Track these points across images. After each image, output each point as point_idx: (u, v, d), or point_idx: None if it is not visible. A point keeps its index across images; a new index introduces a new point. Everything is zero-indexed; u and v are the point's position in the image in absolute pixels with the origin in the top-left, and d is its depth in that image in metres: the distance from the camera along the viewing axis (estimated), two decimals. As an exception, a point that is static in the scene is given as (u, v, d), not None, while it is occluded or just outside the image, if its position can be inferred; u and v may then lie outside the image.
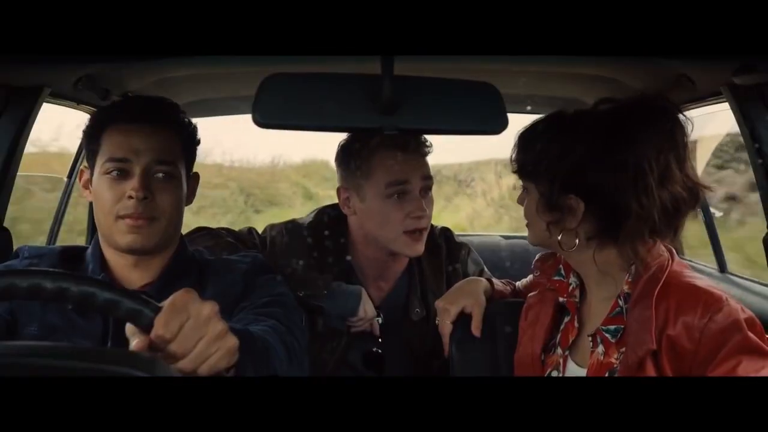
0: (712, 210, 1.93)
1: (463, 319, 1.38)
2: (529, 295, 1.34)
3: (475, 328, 1.35)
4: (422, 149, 1.52)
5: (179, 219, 1.24)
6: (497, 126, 1.15)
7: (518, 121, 1.21)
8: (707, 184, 1.13)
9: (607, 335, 1.14)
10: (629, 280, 1.13)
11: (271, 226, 1.66)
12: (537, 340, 1.26)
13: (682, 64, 1.44)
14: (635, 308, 1.09)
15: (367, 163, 1.51)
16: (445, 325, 1.38)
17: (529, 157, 1.17)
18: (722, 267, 1.89)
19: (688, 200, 1.10)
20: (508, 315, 1.36)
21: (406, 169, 1.47)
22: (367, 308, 1.50)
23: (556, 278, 1.27)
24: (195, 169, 1.30)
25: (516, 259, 2.23)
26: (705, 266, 1.96)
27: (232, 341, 0.81)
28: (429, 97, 1.13)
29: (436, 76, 1.18)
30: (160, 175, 1.18)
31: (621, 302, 1.14)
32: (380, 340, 1.54)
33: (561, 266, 1.27)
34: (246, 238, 1.61)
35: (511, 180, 1.21)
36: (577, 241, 1.13)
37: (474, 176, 9.45)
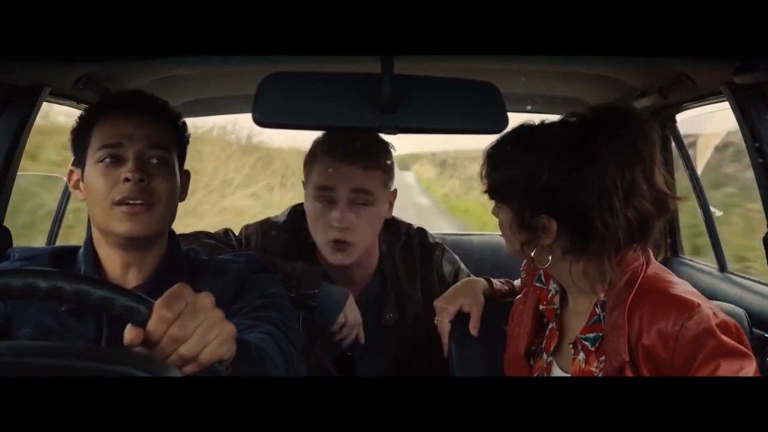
0: (712, 210, 1.93)
1: (461, 319, 1.39)
2: (517, 297, 1.35)
3: (473, 328, 1.36)
4: (366, 158, 1.46)
5: (173, 210, 1.22)
6: (497, 125, 1.15)
7: (518, 121, 1.21)
8: (673, 194, 1.13)
9: (586, 343, 1.14)
10: (605, 288, 1.13)
11: (247, 226, 1.64)
12: (521, 341, 1.26)
13: (682, 63, 1.44)
14: (610, 317, 1.10)
15: (310, 164, 1.49)
16: (444, 325, 1.38)
17: (498, 178, 1.16)
18: (722, 267, 1.89)
19: (656, 212, 1.10)
20: (506, 315, 1.36)
21: (335, 177, 1.43)
22: (348, 314, 1.44)
23: (537, 284, 1.27)
24: None
25: (515, 258, 2.23)
26: (706, 266, 1.96)
27: (230, 328, 0.81)
28: (429, 97, 1.13)
29: (436, 75, 1.18)
30: (155, 160, 1.17)
31: (598, 310, 1.14)
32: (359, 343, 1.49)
33: (541, 273, 1.27)
34: (222, 239, 1.60)
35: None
36: (550, 257, 1.14)
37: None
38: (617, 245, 1.09)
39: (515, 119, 1.19)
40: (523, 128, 1.17)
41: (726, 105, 1.44)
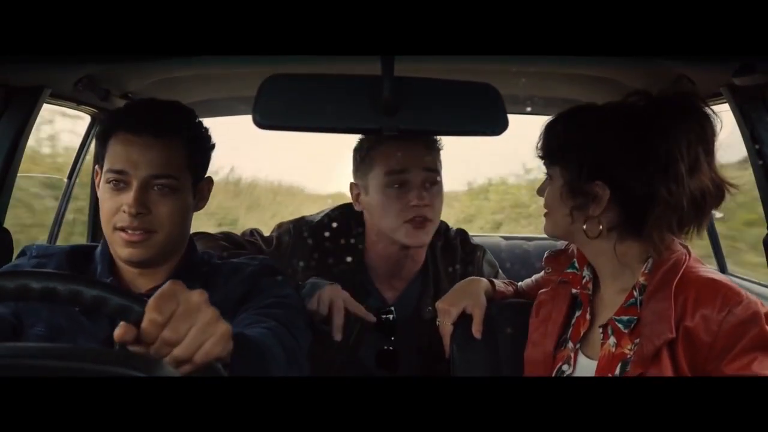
0: (712, 211, 1.93)
1: (463, 320, 1.38)
2: (540, 291, 1.33)
3: (476, 330, 1.35)
4: (426, 140, 1.52)
5: (183, 229, 1.22)
6: (497, 127, 1.15)
7: (518, 122, 1.21)
8: (732, 182, 1.14)
9: (619, 326, 1.14)
10: (646, 272, 1.13)
11: (279, 225, 1.64)
12: (550, 337, 1.25)
13: (682, 64, 1.44)
14: (652, 299, 1.10)
15: (369, 155, 1.51)
16: (446, 327, 1.38)
17: (555, 142, 1.17)
18: (722, 268, 1.89)
19: (715, 195, 1.11)
20: (509, 316, 1.36)
21: (406, 159, 1.47)
22: (323, 299, 1.38)
23: (569, 270, 1.26)
24: None
25: (516, 259, 2.23)
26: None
27: (225, 327, 0.80)
28: (429, 98, 1.13)
29: (436, 76, 1.18)
30: (158, 188, 1.16)
31: (636, 293, 1.13)
32: (393, 338, 1.51)
33: (575, 259, 1.26)
34: (247, 239, 1.59)
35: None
36: (600, 227, 1.13)
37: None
38: (680, 217, 1.09)
39: (515, 121, 1.19)
40: (586, 105, 1.19)
41: (726, 107, 1.44)
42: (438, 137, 1.55)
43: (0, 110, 1.44)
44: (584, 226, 1.14)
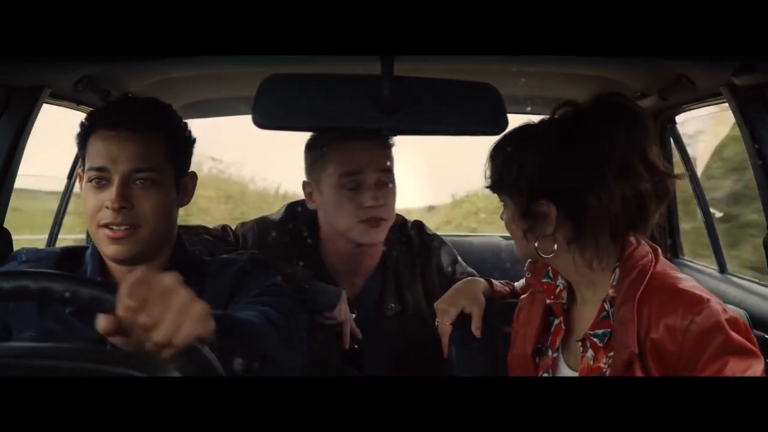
0: (712, 210, 1.93)
1: (462, 320, 1.38)
2: (521, 297, 1.34)
3: (475, 329, 1.36)
4: (379, 139, 1.51)
5: (168, 223, 1.22)
6: (497, 127, 1.15)
7: (518, 122, 1.21)
8: (675, 173, 1.13)
9: (595, 340, 1.14)
10: (613, 283, 1.13)
11: (242, 224, 1.66)
12: (528, 341, 1.26)
13: (682, 64, 1.44)
14: (619, 312, 1.10)
15: (323, 154, 1.51)
16: (445, 327, 1.38)
17: (497, 171, 1.18)
18: (722, 268, 1.89)
19: (654, 194, 1.10)
20: (507, 315, 1.36)
21: (360, 160, 1.47)
22: (343, 309, 1.48)
23: (544, 280, 1.27)
24: None
25: (516, 259, 2.22)
26: (705, 267, 1.96)
27: (201, 306, 0.79)
28: (429, 98, 1.13)
29: (436, 76, 1.18)
30: (141, 182, 1.16)
31: (607, 306, 1.14)
32: (359, 337, 1.53)
33: (549, 269, 1.27)
34: (221, 235, 1.61)
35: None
36: (555, 246, 1.14)
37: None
38: (614, 222, 1.09)
39: (515, 120, 1.19)
40: (518, 127, 1.19)
41: (726, 106, 1.44)
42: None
43: (0, 110, 1.43)
44: (536, 245, 1.15)
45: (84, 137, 1.20)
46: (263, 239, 1.58)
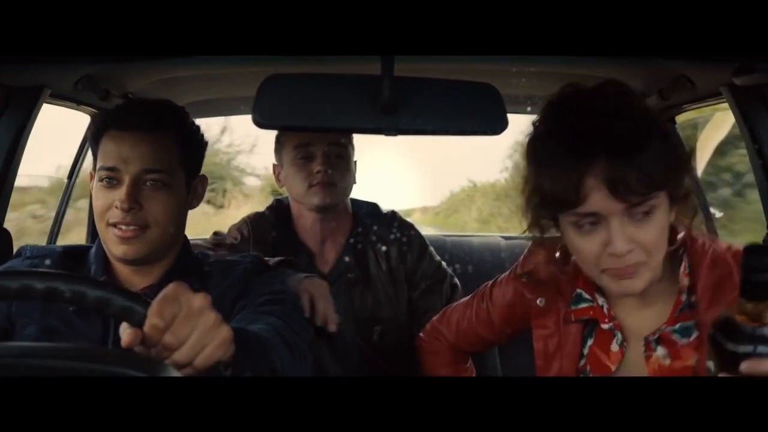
0: (712, 210, 1.93)
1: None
2: (540, 333, 1.20)
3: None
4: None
5: (177, 225, 1.22)
6: (497, 127, 1.15)
7: (519, 122, 1.21)
8: None
9: (675, 336, 1.05)
10: (686, 272, 1.05)
11: (237, 222, 1.79)
12: (569, 369, 1.16)
13: (682, 64, 1.44)
14: (708, 297, 1.03)
15: (283, 136, 1.73)
16: None
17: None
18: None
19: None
20: None
21: (311, 134, 1.67)
22: (302, 297, 1.48)
23: (583, 306, 1.15)
24: None
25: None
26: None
27: (226, 331, 0.80)
28: (429, 98, 1.13)
29: (436, 76, 1.18)
30: (151, 183, 1.17)
31: (684, 297, 1.06)
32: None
33: (581, 290, 1.15)
34: (222, 239, 1.73)
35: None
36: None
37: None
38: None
39: (515, 120, 1.19)
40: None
41: (726, 106, 1.45)
42: None
43: (0, 110, 1.43)
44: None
45: (97, 137, 1.20)
46: (256, 232, 1.74)
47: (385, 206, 1.85)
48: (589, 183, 0.95)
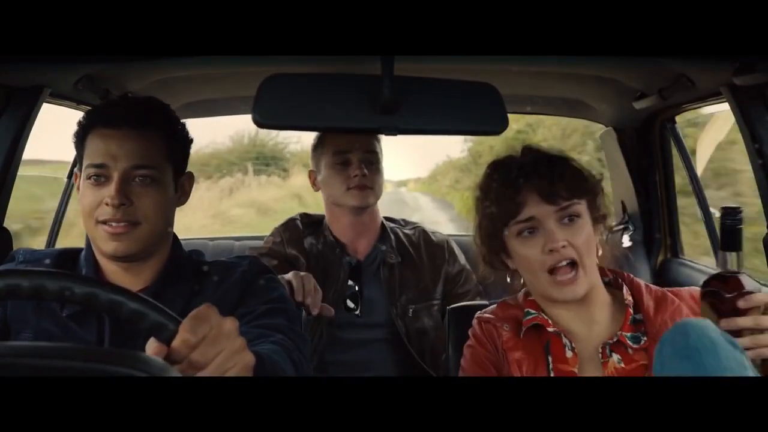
0: (711, 210, 1.93)
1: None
2: (512, 354, 1.27)
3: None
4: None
5: (166, 222, 1.22)
6: (497, 126, 1.15)
7: (518, 122, 1.21)
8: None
9: (630, 342, 1.20)
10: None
11: (277, 228, 1.93)
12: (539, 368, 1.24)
13: (682, 64, 1.44)
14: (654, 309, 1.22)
15: (322, 144, 1.85)
16: None
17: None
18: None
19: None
20: None
21: (349, 142, 1.80)
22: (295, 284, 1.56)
23: (531, 316, 1.26)
24: None
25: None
26: (706, 266, 1.96)
27: (250, 358, 0.81)
28: (429, 98, 1.13)
29: (436, 76, 1.18)
30: (140, 179, 1.16)
31: (632, 310, 1.23)
32: (360, 280, 1.83)
33: (527, 308, 1.28)
34: (273, 246, 1.89)
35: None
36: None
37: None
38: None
39: (515, 120, 1.19)
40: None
41: (726, 106, 1.44)
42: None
43: (0, 110, 1.43)
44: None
45: (82, 135, 1.20)
46: (294, 235, 1.89)
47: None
48: (525, 194, 1.19)
